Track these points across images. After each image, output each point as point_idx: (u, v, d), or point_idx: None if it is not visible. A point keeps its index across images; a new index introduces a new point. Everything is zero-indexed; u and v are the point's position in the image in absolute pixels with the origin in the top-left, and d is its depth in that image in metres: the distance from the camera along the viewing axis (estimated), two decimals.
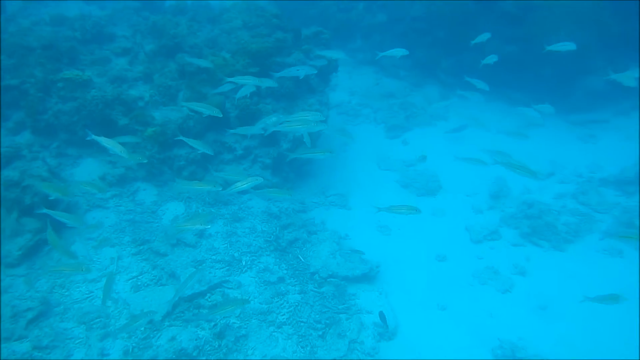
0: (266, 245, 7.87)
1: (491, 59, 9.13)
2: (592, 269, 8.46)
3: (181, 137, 7.08)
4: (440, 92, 14.15)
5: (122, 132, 8.65)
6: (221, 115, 7.11)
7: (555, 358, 6.77)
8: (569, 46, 8.31)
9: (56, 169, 8.45)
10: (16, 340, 5.70)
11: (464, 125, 12.45)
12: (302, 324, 6.74)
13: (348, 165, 10.92)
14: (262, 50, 9.16)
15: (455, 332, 7.22)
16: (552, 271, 8.46)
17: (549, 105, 9.45)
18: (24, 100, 8.96)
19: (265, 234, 8.06)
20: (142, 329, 6.13)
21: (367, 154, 11.44)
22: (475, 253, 8.94)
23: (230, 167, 8.94)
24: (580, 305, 7.55)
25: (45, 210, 5.91)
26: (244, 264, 7.47)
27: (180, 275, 6.90)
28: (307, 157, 7.49)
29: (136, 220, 7.91)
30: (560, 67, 12.73)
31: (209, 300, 6.67)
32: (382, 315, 6.84)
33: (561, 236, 9.17)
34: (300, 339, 6.54)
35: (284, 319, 6.76)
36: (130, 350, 5.88)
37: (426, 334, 7.15)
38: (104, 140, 5.93)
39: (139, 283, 6.82)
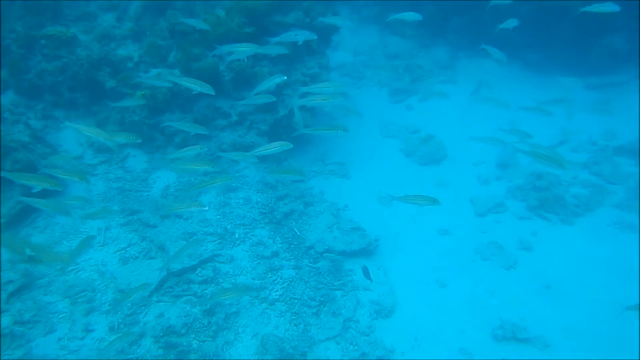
0: (261, 217, 7.53)
1: (510, 23, 8.31)
2: (602, 245, 8.09)
3: (170, 123, 6.69)
4: (449, 53, 13.40)
5: (109, 95, 8.19)
6: (213, 93, 6.69)
7: (558, 340, 6.52)
8: (610, 7, 7.16)
9: (41, 133, 8.05)
10: None
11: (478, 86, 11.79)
12: (295, 300, 6.50)
13: (349, 131, 10.39)
14: (259, 7, 8.49)
15: (455, 311, 6.96)
16: (560, 247, 8.11)
17: (575, 79, 8.76)
18: (5, 58, 8.44)
19: (260, 205, 7.71)
20: (129, 304, 5.89)
21: (370, 119, 10.89)
22: (479, 227, 8.59)
23: (225, 133, 8.49)
24: (587, 286, 7.29)
25: (22, 198, 5.53)
26: (237, 236, 7.16)
27: (169, 248, 6.60)
28: (320, 134, 7.08)
29: (125, 189, 7.57)
30: (579, 27, 11.93)
31: (200, 275, 6.41)
32: (365, 270, 6.56)
33: (570, 209, 8.78)
34: (294, 317, 6.31)
35: (277, 295, 6.51)
36: (116, 326, 5.67)
37: (425, 312, 6.90)
38: (82, 129, 5.42)
39: (127, 255, 6.55)
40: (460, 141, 10.59)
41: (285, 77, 7.02)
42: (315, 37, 7.12)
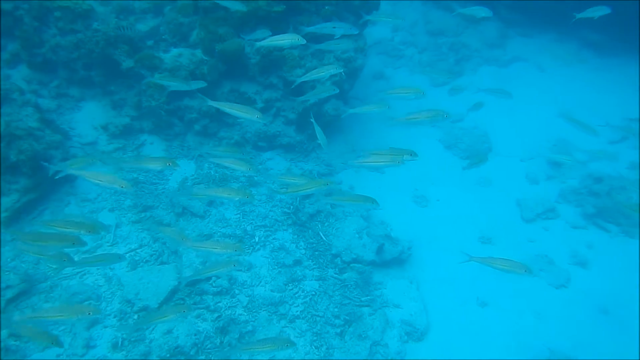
0: (284, 218, 6.86)
1: (596, 11, 7.00)
2: None
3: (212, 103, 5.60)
4: (500, 30, 12.07)
5: (125, 77, 7.55)
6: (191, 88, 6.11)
7: None
8: None
9: (54, 114, 7.53)
10: None
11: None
12: (318, 318, 5.87)
13: (385, 119, 9.48)
14: None
15: (496, 336, 6.22)
16: (620, 263, 7.18)
17: None
18: (18, 30, 7.87)
19: (284, 203, 7.03)
20: (135, 317, 5.40)
21: (407, 105, 9.90)
22: (526, 234, 7.70)
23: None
24: None
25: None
26: (257, 240, 6.54)
27: (182, 252, 6.04)
28: (364, 112, 6.24)
29: (140, 181, 7.00)
30: None
31: (214, 285, 5.83)
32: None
33: (634, 219, 7.73)
34: (315, 338, 5.69)
35: (297, 311, 5.90)
36: (120, 343, 5.19)
37: (461, 335, 6.18)
38: (87, 176, 4.64)
39: (137, 258, 6.02)
40: (506, 132, 9.57)
41: (342, 70, 6.19)
42: (357, 31, 6.16)
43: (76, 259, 5.55)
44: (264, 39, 5.87)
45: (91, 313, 4.19)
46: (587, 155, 8.76)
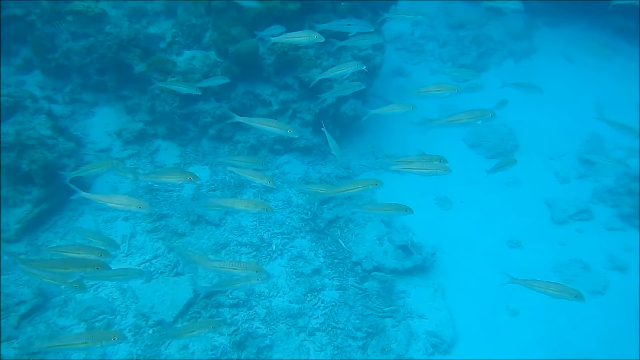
0: (301, 224, 6.62)
1: None
2: None
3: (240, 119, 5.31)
4: (526, 20, 11.53)
5: (138, 81, 7.40)
6: (200, 93, 6.10)
7: None
8: None
9: (68, 121, 7.44)
10: (5, 341, 4.97)
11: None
12: (339, 331, 5.62)
13: (404, 117, 9.13)
14: None
15: (528, 347, 5.86)
16: None
17: None
18: (30, 35, 7.81)
19: (302, 209, 6.79)
20: (150, 332, 5.24)
21: (429, 102, 9.53)
22: (557, 238, 7.30)
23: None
24: None
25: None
26: (274, 248, 6.31)
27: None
28: (387, 113, 5.88)
29: (154, 188, 6.84)
30: None
31: (231, 297, 5.63)
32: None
33: None
34: (336, 352, 5.44)
35: (317, 323, 5.65)
36: (135, 359, 5.03)
37: (491, 348, 5.85)
38: (102, 200, 4.49)
39: (152, 269, 5.87)
40: (534, 128, 9.10)
41: (365, 67, 5.85)
42: (373, 29, 5.81)
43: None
44: (280, 34, 5.58)
45: (116, 339, 3.96)
46: (624, 152, 8.27)
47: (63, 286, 4.25)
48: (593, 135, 8.89)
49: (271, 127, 5.14)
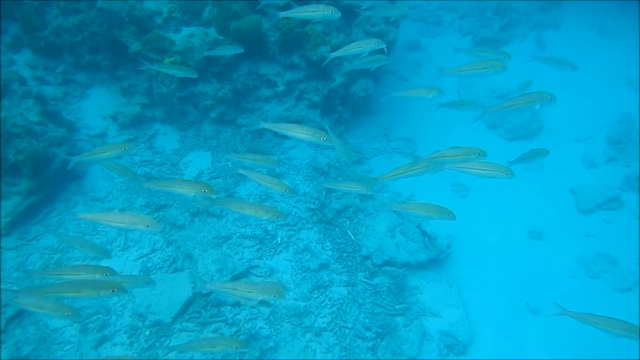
0: (308, 214, 6.22)
1: None
2: None
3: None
4: None
5: (134, 60, 6.91)
6: (197, 76, 5.65)
7: None
8: None
9: (60, 103, 7.02)
10: None
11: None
12: (347, 330, 5.28)
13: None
14: None
15: (551, 350, 5.47)
16: None
17: None
18: (18, 10, 7.31)
19: (309, 198, 6.38)
20: (147, 333, 4.95)
21: (446, 80, 8.91)
22: (583, 228, 6.81)
23: (271, 105, 7.02)
24: None
25: None
26: (279, 241, 5.94)
27: (198, 258, 5.51)
28: (410, 97, 5.27)
29: (153, 176, 6.47)
30: None
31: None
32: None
33: None
34: (344, 353, 5.12)
35: (324, 322, 5.32)
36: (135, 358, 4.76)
37: (510, 349, 5.47)
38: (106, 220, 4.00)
39: (150, 265, 5.55)
40: (560, 108, 8.43)
41: (385, 45, 5.20)
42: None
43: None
44: (287, 5, 4.95)
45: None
46: None
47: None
48: (626, 116, 8.23)
49: (302, 135, 4.40)
